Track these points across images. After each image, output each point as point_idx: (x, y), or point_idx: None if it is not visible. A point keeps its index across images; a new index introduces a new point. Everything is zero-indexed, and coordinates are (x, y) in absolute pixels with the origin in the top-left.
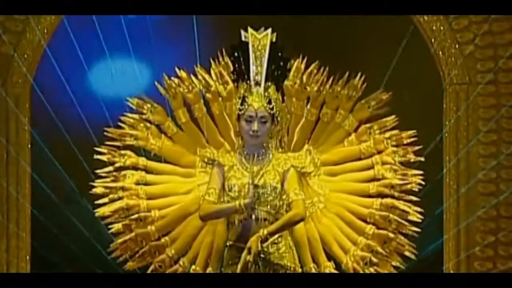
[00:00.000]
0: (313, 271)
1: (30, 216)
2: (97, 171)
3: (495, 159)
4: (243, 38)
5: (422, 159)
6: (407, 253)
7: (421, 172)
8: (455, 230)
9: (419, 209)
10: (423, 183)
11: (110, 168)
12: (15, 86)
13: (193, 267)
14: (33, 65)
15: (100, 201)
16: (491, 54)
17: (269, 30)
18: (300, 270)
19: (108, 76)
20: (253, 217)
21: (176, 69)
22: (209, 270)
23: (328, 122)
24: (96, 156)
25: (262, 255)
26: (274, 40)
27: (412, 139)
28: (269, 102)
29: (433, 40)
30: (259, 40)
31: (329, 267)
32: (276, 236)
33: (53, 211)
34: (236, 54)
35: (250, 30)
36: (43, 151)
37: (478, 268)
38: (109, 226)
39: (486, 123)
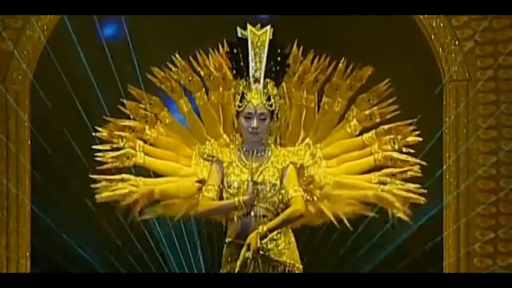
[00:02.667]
0: None
1: (30, 213)
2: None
3: (495, 155)
4: (239, 35)
5: (420, 139)
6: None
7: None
8: (454, 226)
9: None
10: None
11: (107, 146)
12: (14, 82)
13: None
14: (32, 62)
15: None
16: (491, 51)
17: (268, 27)
18: (300, 267)
19: (107, 72)
20: (252, 213)
21: (177, 58)
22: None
23: (328, 111)
24: (95, 134)
25: (261, 252)
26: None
27: (411, 127)
28: (268, 99)
29: (433, 37)
30: (258, 37)
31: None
32: (275, 232)
33: (53, 208)
34: (235, 51)
35: (249, 26)
36: (43, 147)
37: (478, 264)
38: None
39: (486, 120)
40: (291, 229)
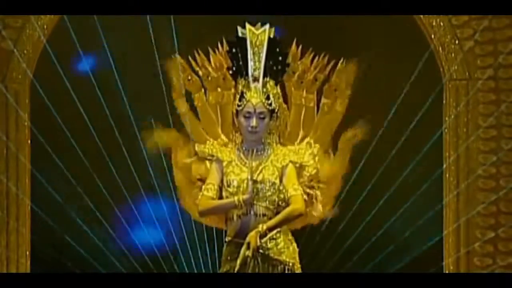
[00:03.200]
0: None
1: (30, 212)
2: None
3: (495, 154)
4: (239, 34)
5: None
6: None
7: None
8: (454, 225)
9: None
10: None
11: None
12: (14, 81)
13: None
14: (32, 61)
15: None
16: (491, 50)
17: (267, 26)
18: (299, 266)
19: (107, 71)
20: (252, 212)
21: (177, 57)
22: None
23: (327, 112)
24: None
25: (260, 251)
26: (271, 35)
27: None
28: (268, 98)
29: (432, 36)
30: (257, 36)
31: None
32: (275, 231)
33: (53, 206)
34: (234, 50)
35: (248, 26)
36: (43, 146)
37: (478, 264)
38: None
39: (486, 119)
40: (291, 230)
